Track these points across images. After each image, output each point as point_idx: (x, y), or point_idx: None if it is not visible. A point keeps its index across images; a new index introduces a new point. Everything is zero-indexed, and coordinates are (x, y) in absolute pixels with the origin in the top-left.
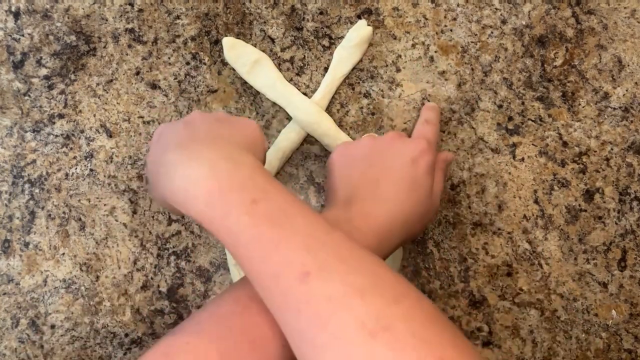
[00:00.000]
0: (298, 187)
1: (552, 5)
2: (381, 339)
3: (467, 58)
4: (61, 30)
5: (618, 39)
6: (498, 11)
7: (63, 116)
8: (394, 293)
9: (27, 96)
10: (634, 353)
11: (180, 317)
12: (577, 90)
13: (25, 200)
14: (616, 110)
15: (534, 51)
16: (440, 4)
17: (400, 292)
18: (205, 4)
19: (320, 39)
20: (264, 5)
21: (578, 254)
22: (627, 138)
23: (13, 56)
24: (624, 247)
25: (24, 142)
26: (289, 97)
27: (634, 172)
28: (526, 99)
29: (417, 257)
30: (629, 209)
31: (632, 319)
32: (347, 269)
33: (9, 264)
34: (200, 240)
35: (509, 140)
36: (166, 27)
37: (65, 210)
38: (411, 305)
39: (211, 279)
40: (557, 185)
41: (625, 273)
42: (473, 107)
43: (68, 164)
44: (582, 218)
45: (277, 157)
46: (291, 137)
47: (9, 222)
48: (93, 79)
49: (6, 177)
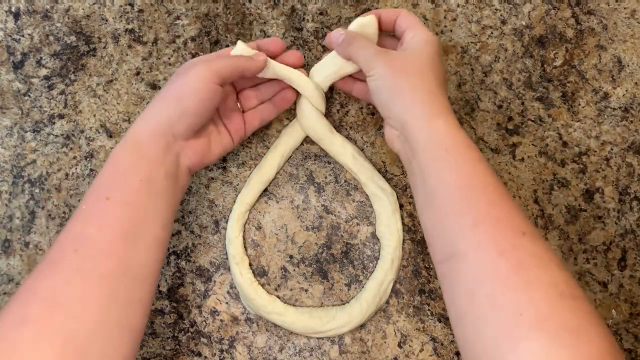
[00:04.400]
0: (298, 187)
1: (552, 5)
2: (568, 303)
3: (467, 58)
4: (61, 30)
5: (618, 39)
6: (498, 11)
7: (63, 116)
8: (572, 274)
9: (27, 96)
10: (634, 353)
11: (180, 317)
12: (577, 90)
13: (25, 200)
14: (616, 110)
15: (534, 51)
16: (440, 5)
17: (572, 274)
18: (205, 4)
19: (320, 39)
20: (264, 6)
21: (578, 253)
22: (627, 138)
23: (13, 56)
24: (624, 247)
25: (24, 142)
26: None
27: (633, 172)
28: (526, 99)
29: (417, 257)
30: (628, 209)
31: (632, 319)
32: (548, 245)
33: (9, 263)
34: (200, 240)
35: (509, 140)
36: (166, 28)
37: (65, 210)
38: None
39: (211, 279)
40: (557, 185)
41: (625, 273)
42: (473, 107)
43: (68, 164)
44: (582, 218)
45: (277, 157)
46: (291, 137)
47: (9, 222)
48: (93, 79)
49: (6, 177)
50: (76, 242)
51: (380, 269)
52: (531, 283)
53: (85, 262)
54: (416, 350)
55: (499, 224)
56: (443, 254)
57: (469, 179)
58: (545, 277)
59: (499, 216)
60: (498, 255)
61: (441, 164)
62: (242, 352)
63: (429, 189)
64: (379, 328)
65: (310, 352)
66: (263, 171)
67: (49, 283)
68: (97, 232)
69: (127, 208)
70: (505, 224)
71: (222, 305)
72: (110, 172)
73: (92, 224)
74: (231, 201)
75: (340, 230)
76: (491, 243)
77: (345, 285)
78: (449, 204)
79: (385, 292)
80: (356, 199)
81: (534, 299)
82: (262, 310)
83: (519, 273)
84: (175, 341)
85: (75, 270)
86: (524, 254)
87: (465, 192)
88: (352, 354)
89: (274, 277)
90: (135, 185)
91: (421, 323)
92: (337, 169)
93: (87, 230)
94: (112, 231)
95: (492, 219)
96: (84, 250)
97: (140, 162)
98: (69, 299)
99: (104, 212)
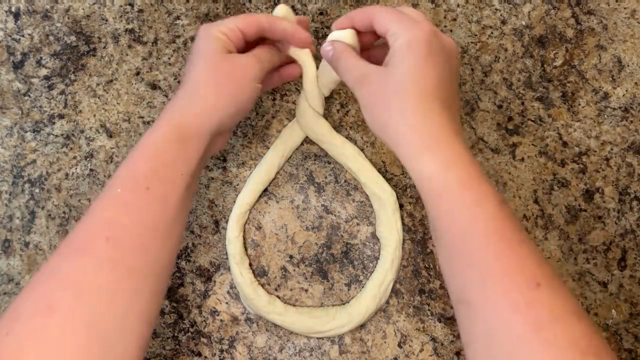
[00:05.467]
0: (298, 187)
1: (552, 5)
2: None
3: (467, 58)
4: (61, 30)
5: (618, 40)
6: (498, 11)
7: (63, 116)
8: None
9: (27, 96)
10: (634, 353)
11: (180, 317)
12: (577, 90)
13: (25, 200)
14: (616, 110)
15: (534, 51)
16: (440, 5)
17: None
18: (205, 4)
19: (320, 39)
20: (264, 6)
21: (578, 253)
22: (627, 138)
23: (13, 56)
24: (624, 246)
25: (24, 142)
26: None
27: (633, 172)
28: (526, 99)
29: (417, 257)
30: (628, 209)
31: (632, 319)
32: (567, 291)
33: (9, 263)
34: (200, 240)
35: (509, 140)
36: (166, 28)
37: (65, 210)
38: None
39: (211, 279)
40: (557, 185)
41: (625, 273)
42: (473, 107)
43: (68, 164)
44: (582, 218)
45: (277, 157)
46: (291, 137)
47: (9, 222)
48: (93, 79)
49: (6, 177)
50: (108, 230)
51: (380, 269)
52: (550, 343)
53: (116, 252)
54: (416, 350)
55: (509, 277)
56: (456, 295)
57: (469, 227)
58: (564, 335)
59: (508, 268)
60: (512, 313)
61: (437, 209)
62: (242, 352)
63: (433, 227)
64: (379, 328)
65: (310, 352)
66: (263, 171)
67: (77, 270)
68: (131, 224)
69: (164, 203)
70: (517, 277)
71: (222, 305)
72: (152, 161)
73: (128, 214)
74: (231, 201)
75: (340, 230)
76: (502, 299)
77: (345, 285)
78: (453, 251)
79: (385, 292)
80: (356, 199)
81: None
82: (262, 310)
83: (536, 332)
84: (175, 341)
85: (106, 260)
86: (540, 309)
87: (466, 242)
88: (352, 354)
89: (274, 277)
90: (177, 181)
91: (421, 323)
92: (337, 169)
93: (122, 219)
94: (147, 225)
95: (501, 272)
96: (116, 240)
97: (184, 156)
98: (98, 289)
99: (142, 203)
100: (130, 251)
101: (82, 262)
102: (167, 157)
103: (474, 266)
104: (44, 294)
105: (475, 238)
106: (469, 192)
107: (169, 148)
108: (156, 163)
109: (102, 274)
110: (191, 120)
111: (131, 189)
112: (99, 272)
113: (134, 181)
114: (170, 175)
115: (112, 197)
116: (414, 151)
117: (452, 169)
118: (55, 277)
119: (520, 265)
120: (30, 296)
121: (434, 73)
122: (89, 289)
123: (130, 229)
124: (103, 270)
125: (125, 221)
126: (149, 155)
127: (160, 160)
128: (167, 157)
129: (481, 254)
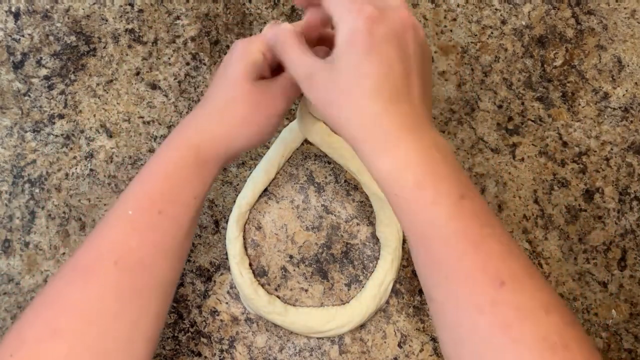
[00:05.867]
0: (298, 187)
1: (552, 5)
2: (560, 356)
3: (467, 58)
4: (61, 30)
5: (618, 40)
6: (498, 11)
7: (63, 116)
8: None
9: (27, 96)
10: (634, 353)
11: (180, 317)
12: (577, 90)
13: (25, 200)
14: (616, 110)
15: (534, 51)
16: (440, 5)
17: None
18: (205, 4)
19: None
20: (264, 6)
21: (578, 253)
22: (627, 138)
23: (13, 56)
24: (624, 246)
25: (24, 142)
26: None
27: (634, 172)
28: (526, 99)
29: None
30: (629, 209)
31: (632, 319)
32: (535, 285)
33: (9, 263)
34: (200, 240)
35: (508, 140)
36: (166, 28)
37: (65, 210)
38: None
39: (211, 279)
40: (557, 185)
41: (625, 273)
42: (473, 107)
43: (68, 164)
44: (582, 218)
45: (277, 157)
46: (291, 137)
47: (9, 222)
48: (93, 79)
49: (6, 177)
50: (117, 253)
51: (380, 269)
52: (518, 341)
53: (123, 276)
54: (416, 350)
55: (472, 277)
56: (427, 294)
57: (428, 230)
58: (532, 332)
59: (471, 268)
60: (477, 314)
61: (397, 210)
62: (242, 352)
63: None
64: (379, 328)
65: (310, 352)
66: (263, 171)
67: (83, 294)
68: (141, 247)
69: (176, 225)
70: (481, 277)
71: (222, 305)
72: (164, 182)
73: (137, 236)
74: (231, 201)
75: (340, 230)
76: (467, 300)
77: (345, 285)
78: (418, 252)
79: (385, 292)
80: (356, 199)
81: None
82: (262, 310)
83: (503, 331)
84: (175, 341)
85: (112, 284)
86: (505, 309)
87: (427, 244)
88: (352, 354)
89: (274, 277)
90: (189, 203)
91: (421, 323)
92: (337, 169)
93: (131, 242)
94: (157, 248)
95: (465, 273)
96: (124, 263)
97: (198, 178)
98: (103, 313)
99: (154, 226)
100: (138, 273)
101: (88, 287)
102: (182, 179)
103: (438, 267)
104: (48, 319)
105: (435, 240)
106: (423, 192)
107: (185, 170)
108: (168, 184)
109: (108, 298)
110: (210, 145)
111: (143, 211)
112: (105, 296)
113: (147, 203)
114: (184, 198)
115: (122, 218)
116: (369, 152)
117: (406, 169)
118: (60, 302)
119: (483, 264)
120: (35, 320)
121: (377, 70)
122: (94, 314)
123: (138, 252)
124: (109, 295)
125: (135, 244)
126: (163, 176)
127: (174, 182)
128: (182, 179)
129: (442, 256)
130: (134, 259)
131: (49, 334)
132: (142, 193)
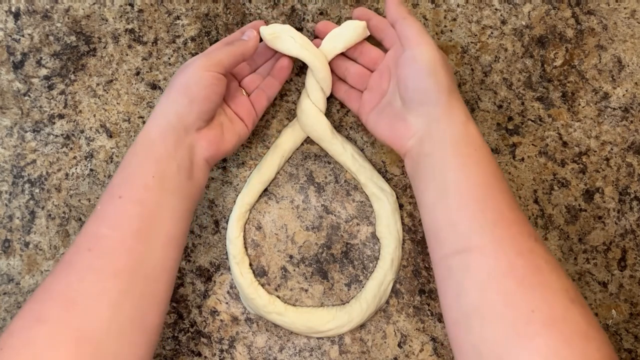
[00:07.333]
0: (298, 187)
1: (552, 5)
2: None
3: (467, 58)
4: (61, 30)
5: (618, 40)
6: (498, 11)
7: (63, 116)
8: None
9: (27, 96)
10: (634, 353)
11: (180, 317)
12: (577, 90)
13: (25, 200)
14: (616, 110)
15: (534, 51)
16: (440, 5)
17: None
18: (205, 4)
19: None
20: (264, 6)
21: (578, 253)
22: (627, 138)
23: (13, 56)
24: (624, 247)
25: (24, 142)
26: None
27: (633, 172)
28: (526, 99)
29: (417, 257)
30: (628, 209)
31: (632, 319)
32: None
33: (9, 263)
34: (200, 240)
35: (508, 140)
36: (166, 28)
37: (65, 210)
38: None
39: (211, 279)
40: (557, 185)
41: (625, 273)
42: (473, 107)
43: (68, 164)
44: (582, 218)
45: (277, 157)
46: (291, 137)
47: (9, 222)
48: (93, 79)
49: (6, 177)
50: (90, 242)
51: (380, 269)
52: (546, 285)
53: (99, 259)
54: (416, 350)
55: (516, 227)
56: (452, 248)
57: (493, 179)
58: (558, 282)
59: (516, 220)
60: (516, 255)
61: (468, 160)
62: (242, 352)
63: (446, 184)
64: (379, 328)
65: (310, 352)
66: (263, 171)
67: (64, 282)
68: (110, 231)
69: (138, 205)
70: (522, 229)
71: (222, 305)
72: (122, 172)
73: (105, 224)
74: (231, 201)
75: (340, 230)
76: (510, 243)
77: (345, 285)
78: (470, 199)
79: (385, 292)
80: (356, 199)
81: (548, 300)
82: (262, 310)
83: (535, 275)
84: (175, 341)
85: (88, 268)
86: (539, 258)
87: (488, 190)
88: (352, 354)
89: (274, 277)
90: (148, 183)
91: (421, 323)
92: (337, 169)
93: (101, 230)
94: (124, 229)
95: (511, 221)
96: (98, 248)
97: (151, 159)
98: (83, 296)
99: (117, 210)
100: (113, 255)
101: (69, 275)
102: (134, 164)
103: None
104: (34, 308)
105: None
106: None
107: (135, 155)
108: (125, 172)
109: (87, 281)
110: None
111: (107, 201)
112: (83, 280)
113: (109, 194)
114: (139, 179)
115: (94, 214)
116: (465, 114)
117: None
118: (45, 292)
119: (523, 220)
120: (23, 312)
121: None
122: (75, 298)
123: (110, 236)
124: (87, 278)
125: (105, 230)
126: (120, 169)
127: (128, 169)
128: (132, 164)
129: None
130: (107, 244)
131: (34, 322)
132: (108, 185)
